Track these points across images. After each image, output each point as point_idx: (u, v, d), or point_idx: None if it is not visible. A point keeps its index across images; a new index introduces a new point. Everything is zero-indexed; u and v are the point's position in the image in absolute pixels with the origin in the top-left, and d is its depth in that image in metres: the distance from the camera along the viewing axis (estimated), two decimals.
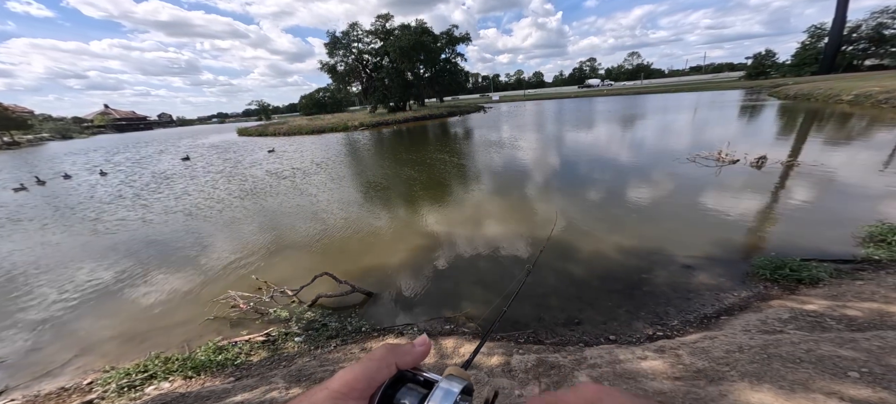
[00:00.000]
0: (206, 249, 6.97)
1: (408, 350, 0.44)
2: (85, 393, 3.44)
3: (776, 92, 34.31)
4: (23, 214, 11.20)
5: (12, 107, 60.60)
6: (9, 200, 13.62)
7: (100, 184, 15.53)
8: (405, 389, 0.41)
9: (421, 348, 0.45)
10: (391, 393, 0.40)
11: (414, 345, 0.45)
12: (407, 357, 0.43)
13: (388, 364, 0.41)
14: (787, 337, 2.54)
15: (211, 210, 9.86)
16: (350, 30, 48.03)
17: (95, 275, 6.18)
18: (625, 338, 3.36)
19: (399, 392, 0.40)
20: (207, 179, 14.63)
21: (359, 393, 0.38)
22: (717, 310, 3.71)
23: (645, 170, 10.09)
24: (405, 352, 0.43)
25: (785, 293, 3.81)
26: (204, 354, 3.73)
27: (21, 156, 36.66)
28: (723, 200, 7.04)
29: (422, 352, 0.45)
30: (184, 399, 3.00)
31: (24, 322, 4.88)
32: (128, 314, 4.89)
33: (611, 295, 4.21)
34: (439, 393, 0.38)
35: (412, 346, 0.45)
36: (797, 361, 2.08)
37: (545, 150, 15.03)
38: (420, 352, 0.45)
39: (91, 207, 11.30)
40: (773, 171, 8.70)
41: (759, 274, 4.25)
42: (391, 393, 0.40)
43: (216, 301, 4.83)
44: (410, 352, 0.44)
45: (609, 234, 5.99)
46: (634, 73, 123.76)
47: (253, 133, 40.85)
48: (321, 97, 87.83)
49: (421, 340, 0.46)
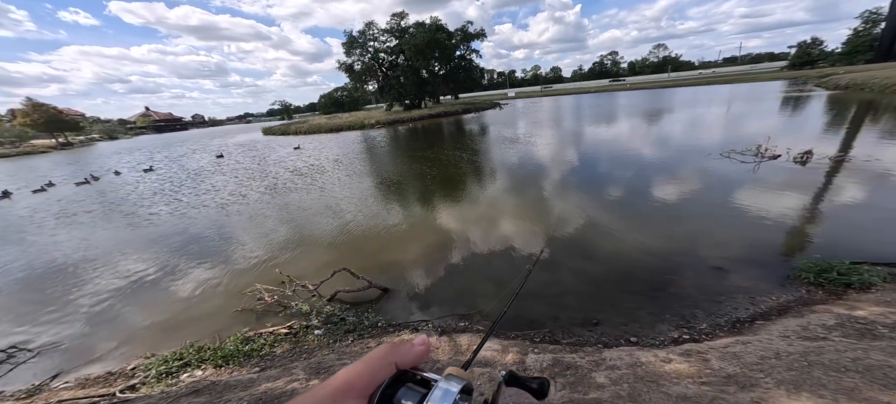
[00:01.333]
0: (234, 242, 7.33)
1: (407, 349, 0.44)
2: (128, 378, 3.72)
3: (824, 82, 31.73)
4: (80, 207, 12.25)
5: (66, 110, 66.22)
6: (70, 193, 14.96)
7: (145, 181, 16.72)
8: (405, 389, 0.41)
9: (420, 348, 0.45)
10: (391, 393, 0.40)
11: (413, 345, 0.45)
12: (406, 356, 0.44)
13: (388, 363, 0.42)
14: (832, 345, 2.33)
15: (239, 205, 10.37)
16: (366, 29, 48.78)
17: (140, 265, 6.65)
18: (647, 341, 3.22)
19: (399, 391, 0.41)
20: (236, 176, 15.39)
21: (359, 391, 0.38)
22: (751, 315, 3.47)
23: (671, 167, 9.61)
24: (405, 352, 0.44)
25: (831, 298, 3.51)
26: (232, 345, 3.93)
27: (74, 155, 40.11)
28: (760, 198, 6.58)
29: (421, 352, 0.45)
30: (214, 387, 3.17)
31: (78, 309, 5.34)
32: (166, 304, 5.24)
33: (632, 296, 4.04)
34: (438, 393, 0.38)
35: (412, 346, 0.45)
36: (842, 370, 1.91)
37: (562, 146, 14.66)
38: (419, 352, 0.45)
39: (136, 202, 12.16)
40: (820, 167, 8.02)
41: (802, 277, 3.94)
42: (391, 392, 0.40)
43: (244, 293, 5.07)
44: (410, 352, 0.44)
45: (631, 233, 5.75)
46: (661, 66, 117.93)
47: (276, 132, 42.60)
48: (339, 96, 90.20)
49: (420, 340, 0.46)
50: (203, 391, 3.10)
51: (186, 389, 3.22)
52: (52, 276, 6.55)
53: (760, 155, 9.33)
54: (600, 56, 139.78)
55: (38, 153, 46.18)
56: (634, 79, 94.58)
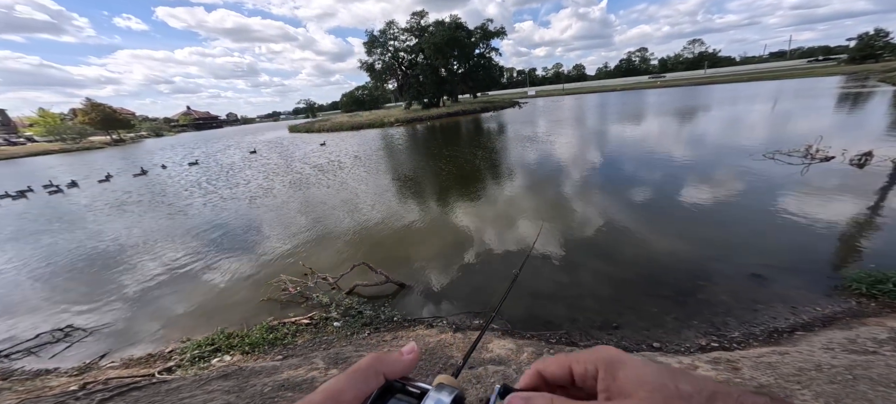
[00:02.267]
0: (262, 234, 7.71)
1: (396, 359, 0.42)
2: (166, 360, 4.01)
3: (891, 76, 28.62)
4: (132, 198, 13.37)
5: (120, 109, 72.49)
6: (127, 183, 16.35)
7: (186, 174, 18.02)
8: (394, 400, 0.39)
9: (409, 356, 0.43)
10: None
11: (402, 354, 0.43)
12: (395, 366, 0.41)
13: (376, 373, 0.40)
14: (882, 359, 2.11)
15: (266, 198, 10.89)
16: (387, 28, 49.38)
17: (180, 253, 7.15)
18: (672, 347, 3.05)
19: (387, 403, 0.39)
20: (266, 172, 16.17)
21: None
22: (791, 325, 3.21)
23: (707, 169, 9.05)
24: (393, 362, 0.42)
25: (885, 310, 3.17)
26: (258, 333, 4.14)
27: (126, 150, 43.80)
28: (807, 203, 6.06)
29: (410, 361, 0.43)
30: (241, 372, 3.36)
31: (125, 294, 5.82)
32: (200, 291, 5.60)
33: (657, 300, 3.85)
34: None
35: (400, 355, 0.43)
36: (892, 385, 1.72)
37: (583, 146, 14.19)
38: (409, 361, 0.43)
39: (179, 194, 13.09)
40: (881, 171, 7.27)
41: (853, 288, 3.61)
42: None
43: (270, 283, 5.33)
44: (398, 362, 0.42)
45: (658, 236, 5.48)
46: (696, 62, 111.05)
47: (301, 129, 44.26)
48: (360, 95, 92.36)
49: (409, 348, 0.44)
50: (231, 375, 3.29)
51: (217, 373, 3.43)
52: (108, 260, 7.18)
53: (810, 156, 8.58)
54: (628, 53, 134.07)
55: (95, 148, 50.75)
56: (672, 75, 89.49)
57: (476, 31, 50.69)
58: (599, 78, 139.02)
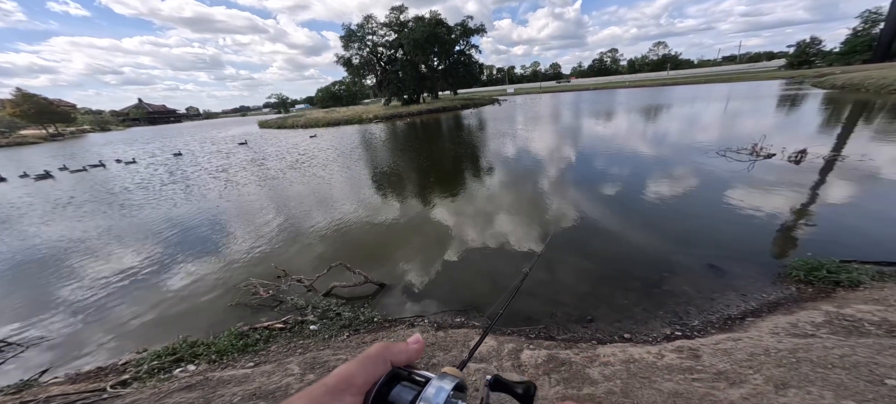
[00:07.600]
0: (230, 236, 7.27)
1: (402, 348, 0.45)
2: (119, 373, 3.69)
3: (821, 82, 31.95)
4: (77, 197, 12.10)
5: (57, 101, 65.29)
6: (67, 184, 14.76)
7: (136, 172, 16.54)
8: (399, 387, 0.42)
9: (415, 346, 0.46)
10: (386, 391, 0.41)
11: (408, 344, 0.47)
12: (401, 355, 0.45)
13: (383, 361, 0.43)
14: (820, 342, 2.37)
15: (235, 196, 10.26)
16: (364, 22, 48.10)
17: (133, 257, 6.59)
18: (641, 337, 3.25)
19: (393, 389, 0.42)
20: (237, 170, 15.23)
21: (356, 389, 0.39)
22: (742, 312, 3.51)
23: (668, 165, 9.65)
24: (399, 351, 0.45)
25: (820, 296, 3.56)
26: (227, 340, 3.91)
27: (65, 146, 39.49)
28: (754, 197, 6.64)
29: (416, 350, 0.46)
30: (207, 382, 3.15)
31: (70, 303, 5.27)
32: (159, 297, 5.19)
33: (627, 293, 4.07)
34: (431, 390, 0.39)
35: (406, 345, 0.46)
36: (829, 366, 1.94)
37: (559, 144, 14.66)
38: (414, 350, 0.46)
39: (120, 192, 12.04)
40: (814, 167, 8.10)
41: (793, 275, 3.99)
42: (386, 390, 0.41)
43: (238, 287, 5.05)
44: (404, 351, 0.45)
45: (627, 231, 5.79)
46: (660, 64, 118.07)
47: (272, 125, 42.18)
48: (337, 90, 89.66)
49: (414, 339, 0.47)
50: (196, 386, 3.08)
51: (179, 385, 3.21)
52: (45, 266, 6.47)
53: (755, 154, 9.40)
54: (600, 53, 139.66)
55: (28, 143, 45.44)
56: (633, 77, 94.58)
57: (456, 28, 50.38)
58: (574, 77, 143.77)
